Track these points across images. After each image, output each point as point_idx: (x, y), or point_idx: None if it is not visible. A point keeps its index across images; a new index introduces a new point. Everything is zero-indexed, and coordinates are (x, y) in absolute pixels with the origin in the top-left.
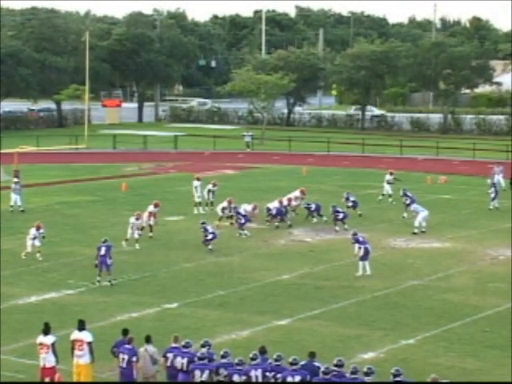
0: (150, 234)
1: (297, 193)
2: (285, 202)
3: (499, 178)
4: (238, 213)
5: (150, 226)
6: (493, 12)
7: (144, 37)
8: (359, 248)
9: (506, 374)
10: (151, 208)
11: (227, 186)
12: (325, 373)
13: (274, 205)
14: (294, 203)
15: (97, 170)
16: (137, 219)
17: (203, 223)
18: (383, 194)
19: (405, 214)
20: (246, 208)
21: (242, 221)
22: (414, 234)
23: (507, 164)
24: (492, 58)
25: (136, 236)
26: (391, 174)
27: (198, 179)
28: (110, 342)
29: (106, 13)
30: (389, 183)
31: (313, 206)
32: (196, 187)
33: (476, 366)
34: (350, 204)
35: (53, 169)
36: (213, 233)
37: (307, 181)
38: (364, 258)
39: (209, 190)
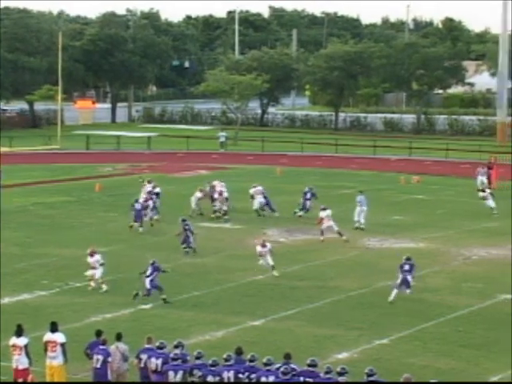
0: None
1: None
2: (215, 195)
3: (483, 179)
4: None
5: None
6: (465, 13)
7: (117, 37)
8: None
9: (480, 374)
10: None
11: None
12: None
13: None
14: (220, 190)
15: (71, 171)
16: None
17: (184, 220)
18: None
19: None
20: (196, 195)
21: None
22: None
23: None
24: (464, 59)
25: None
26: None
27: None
28: (84, 343)
29: (79, 13)
30: None
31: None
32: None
33: (450, 366)
34: (308, 196)
35: (27, 169)
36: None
37: (282, 181)
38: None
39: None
